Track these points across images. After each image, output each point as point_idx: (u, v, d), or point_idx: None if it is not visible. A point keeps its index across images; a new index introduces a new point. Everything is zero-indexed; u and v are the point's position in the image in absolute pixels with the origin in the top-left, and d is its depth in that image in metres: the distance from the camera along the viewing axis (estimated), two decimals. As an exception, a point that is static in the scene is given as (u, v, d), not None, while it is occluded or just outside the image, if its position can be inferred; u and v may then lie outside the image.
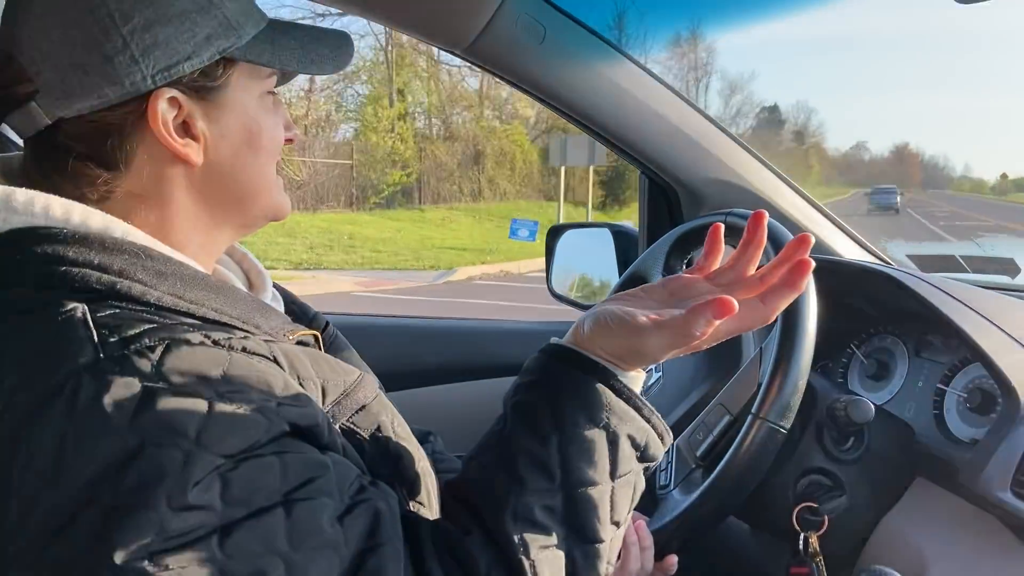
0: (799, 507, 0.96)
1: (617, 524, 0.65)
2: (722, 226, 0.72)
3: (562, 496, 0.61)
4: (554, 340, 0.68)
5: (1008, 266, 1.44)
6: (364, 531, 0.57)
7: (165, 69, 0.61)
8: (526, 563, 0.59)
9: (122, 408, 0.51)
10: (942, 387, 1.09)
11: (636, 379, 0.67)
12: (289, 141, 0.73)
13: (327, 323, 0.80)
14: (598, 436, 0.63)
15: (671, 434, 0.68)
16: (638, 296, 0.69)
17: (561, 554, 0.61)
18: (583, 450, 0.62)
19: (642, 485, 0.68)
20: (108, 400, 0.51)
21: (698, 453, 1.02)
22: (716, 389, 1.06)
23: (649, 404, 0.66)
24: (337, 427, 0.64)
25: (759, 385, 0.90)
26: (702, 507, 0.92)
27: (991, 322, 0.99)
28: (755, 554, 1.25)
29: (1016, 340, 0.97)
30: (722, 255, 0.72)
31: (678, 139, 1.33)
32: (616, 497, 0.64)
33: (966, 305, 1.01)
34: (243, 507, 0.52)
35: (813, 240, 0.65)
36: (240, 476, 0.52)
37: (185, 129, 0.64)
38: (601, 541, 0.63)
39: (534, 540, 0.60)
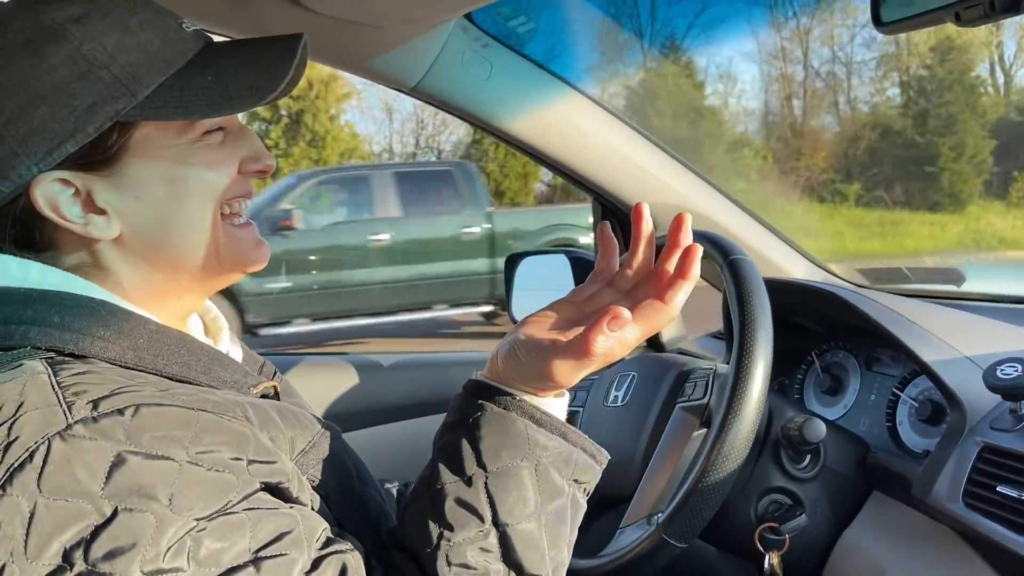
0: (760, 527, 0.98)
1: (558, 551, 0.64)
2: (608, 224, 0.71)
3: (495, 535, 0.61)
4: (473, 376, 0.67)
5: (953, 276, 1.47)
6: None
7: (47, 155, 0.59)
8: None
9: (94, 474, 0.50)
10: (894, 398, 1.11)
11: (557, 404, 0.66)
12: (261, 173, 0.67)
13: (275, 371, 0.79)
14: (523, 469, 0.61)
15: (605, 453, 0.67)
16: (547, 316, 0.67)
17: None
18: (509, 486, 0.61)
19: (582, 507, 0.67)
20: (79, 466, 0.50)
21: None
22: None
23: (575, 428, 0.65)
24: (305, 479, 0.64)
25: (675, 493, 0.90)
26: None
27: (934, 335, 1.02)
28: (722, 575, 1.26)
29: (959, 351, 1.00)
30: (617, 255, 0.70)
31: (627, 166, 1.36)
32: (551, 526, 0.63)
33: (908, 319, 1.04)
34: (213, 567, 0.52)
35: (690, 218, 0.63)
36: (210, 536, 0.52)
37: (91, 204, 0.62)
38: (541, 573, 0.62)
39: None
